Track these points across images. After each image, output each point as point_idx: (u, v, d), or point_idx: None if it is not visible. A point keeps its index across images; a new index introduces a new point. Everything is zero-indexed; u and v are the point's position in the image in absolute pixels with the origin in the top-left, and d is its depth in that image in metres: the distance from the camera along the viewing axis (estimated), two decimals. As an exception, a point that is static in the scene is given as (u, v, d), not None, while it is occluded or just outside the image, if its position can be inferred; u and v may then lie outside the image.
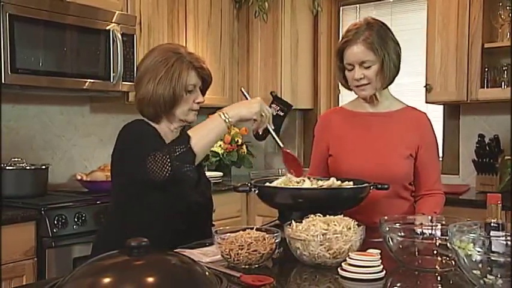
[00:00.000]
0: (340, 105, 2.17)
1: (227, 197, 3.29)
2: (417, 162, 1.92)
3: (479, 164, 3.05)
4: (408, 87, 3.54)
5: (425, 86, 3.18)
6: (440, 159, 3.42)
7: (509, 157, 2.96)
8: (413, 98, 3.44)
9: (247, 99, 1.73)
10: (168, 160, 1.50)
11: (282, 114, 3.74)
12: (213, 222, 1.90)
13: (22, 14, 2.46)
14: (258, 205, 3.46)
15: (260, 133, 1.68)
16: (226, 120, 1.58)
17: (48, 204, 2.38)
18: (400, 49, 1.92)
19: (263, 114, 1.63)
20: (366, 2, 3.90)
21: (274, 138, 1.74)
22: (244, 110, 1.61)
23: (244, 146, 3.79)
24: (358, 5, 3.94)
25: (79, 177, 2.90)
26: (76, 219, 2.42)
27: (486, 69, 3.05)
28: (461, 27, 3.07)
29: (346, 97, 3.88)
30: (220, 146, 3.62)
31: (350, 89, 1.99)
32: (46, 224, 2.32)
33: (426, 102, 3.21)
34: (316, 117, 4.04)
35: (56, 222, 2.34)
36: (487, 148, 3.03)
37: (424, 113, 2.01)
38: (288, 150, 1.81)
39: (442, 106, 3.45)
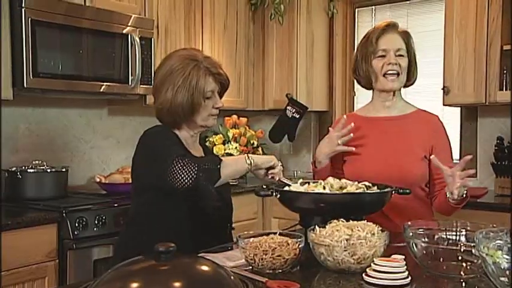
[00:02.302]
0: (353, 111, 2.18)
1: (243, 199, 3.31)
2: (432, 163, 1.91)
3: (498, 167, 3.02)
4: (425, 89, 3.53)
5: (443, 88, 3.16)
6: (457, 161, 3.44)
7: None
8: (430, 100, 3.44)
9: None
10: (196, 169, 1.54)
11: (297, 116, 3.79)
12: (232, 226, 1.91)
13: (43, 19, 2.49)
14: (274, 207, 3.47)
15: (276, 180, 1.75)
16: (249, 163, 1.66)
17: (70, 207, 2.41)
18: None
19: (279, 165, 1.75)
20: (381, 3, 3.88)
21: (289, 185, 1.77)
22: (263, 157, 1.75)
23: (259, 149, 3.79)
24: (373, 7, 3.94)
25: (98, 180, 2.93)
26: (96, 222, 2.44)
27: (505, 71, 3.03)
28: (479, 29, 3.05)
29: (362, 99, 3.87)
30: (236, 148, 3.62)
31: (367, 87, 2.00)
32: (67, 226, 2.35)
33: (444, 104, 3.20)
34: (331, 119, 4.04)
35: (77, 224, 2.37)
36: (506, 151, 3.00)
37: (436, 116, 2.02)
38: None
39: (459, 108, 3.43)
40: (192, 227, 1.68)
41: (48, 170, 2.67)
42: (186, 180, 1.53)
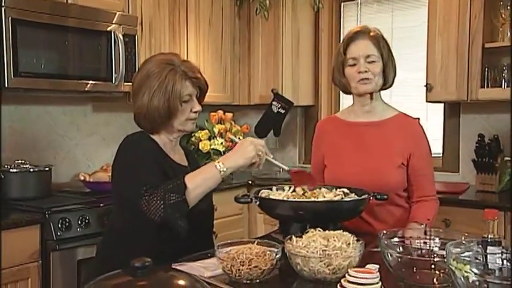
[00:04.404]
0: (335, 114, 2.19)
1: (229, 195, 3.29)
2: (410, 169, 1.94)
3: (479, 164, 3.06)
4: (409, 84, 3.55)
5: (425, 85, 3.19)
6: (440, 156, 3.49)
7: (508, 158, 2.98)
8: (415, 94, 3.47)
9: (236, 143, 1.73)
10: (162, 206, 1.53)
11: (283, 111, 3.81)
12: (215, 220, 1.92)
13: (24, 17, 2.47)
14: (260, 203, 3.49)
15: (261, 168, 1.69)
16: (222, 171, 1.60)
17: (52, 208, 2.41)
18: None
19: (259, 153, 1.64)
20: (367, -2, 3.89)
21: (277, 165, 1.74)
22: (240, 159, 1.63)
23: (245, 144, 3.80)
24: (359, 1, 3.93)
25: (82, 178, 2.93)
26: (80, 222, 2.45)
27: (486, 69, 3.06)
28: (462, 27, 3.07)
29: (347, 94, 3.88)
30: (221, 144, 3.63)
31: (347, 92, 2.01)
32: (50, 227, 2.35)
33: (427, 101, 3.23)
34: (317, 114, 4.06)
35: (60, 225, 2.37)
36: (487, 148, 3.04)
37: (416, 120, 2.02)
38: (295, 170, 1.80)
39: (442, 104, 3.46)
40: (174, 234, 1.68)
41: (31, 170, 2.66)
42: (154, 217, 1.54)
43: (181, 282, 1.08)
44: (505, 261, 1.21)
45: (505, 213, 2.71)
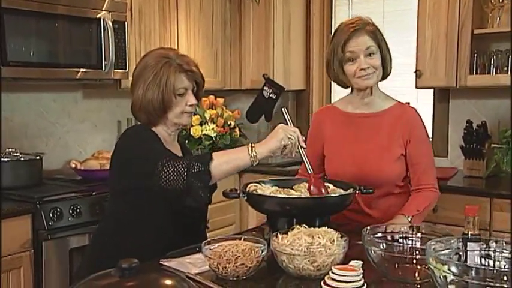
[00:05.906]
0: (332, 103, 2.18)
1: (225, 180, 3.33)
2: (406, 157, 1.94)
3: (467, 150, 3.10)
4: (400, 68, 3.55)
5: (415, 72, 3.20)
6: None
7: (495, 145, 3.02)
8: (404, 79, 3.48)
9: (286, 120, 1.72)
10: (185, 174, 1.51)
11: (274, 97, 3.81)
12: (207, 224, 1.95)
13: (12, 6, 2.45)
14: (251, 188, 3.52)
15: (293, 155, 1.64)
16: (252, 156, 1.57)
17: (44, 197, 2.43)
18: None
19: (289, 136, 1.62)
20: (358, -18, 3.87)
21: (304, 161, 1.74)
22: (271, 144, 1.60)
23: (237, 129, 3.83)
24: (350, -14, 3.91)
25: (73, 166, 2.94)
26: (71, 212, 2.47)
27: (475, 55, 3.07)
28: (451, 13, 3.06)
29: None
30: (213, 129, 3.65)
31: (346, 87, 1.99)
32: (42, 217, 2.37)
33: (416, 87, 3.25)
34: (308, 99, 4.07)
35: (51, 215, 2.39)
36: (475, 134, 3.07)
37: (414, 108, 2.02)
38: (316, 177, 1.77)
39: (432, 89, 3.48)
40: (169, 226, 1.70)
41: (22, 159, 2.67)
42: (176, 185, 1.52)
43: (169, 282, 1.11)
44: (483, 259, 1.25)
45: (490, 199, 2.76)
